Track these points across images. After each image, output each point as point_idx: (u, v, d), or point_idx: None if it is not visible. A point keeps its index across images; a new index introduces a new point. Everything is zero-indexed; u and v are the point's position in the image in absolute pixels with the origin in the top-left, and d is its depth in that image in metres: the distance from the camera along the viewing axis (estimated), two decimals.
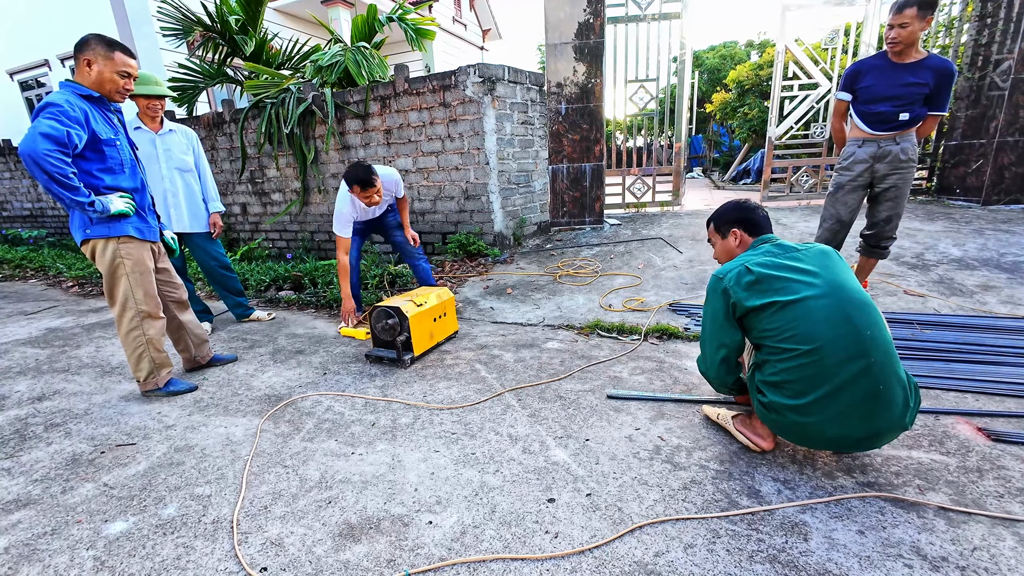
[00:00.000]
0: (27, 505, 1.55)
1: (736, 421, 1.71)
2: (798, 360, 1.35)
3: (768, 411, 1.45)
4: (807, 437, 1.42)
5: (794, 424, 1.40)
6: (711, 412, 1.82)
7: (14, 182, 7.62)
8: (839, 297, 1.37)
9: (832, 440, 1.39)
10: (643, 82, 5.46)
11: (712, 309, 1.55)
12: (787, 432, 1.45)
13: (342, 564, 1.25)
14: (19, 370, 2.71)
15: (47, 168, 1.78)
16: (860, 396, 1.31)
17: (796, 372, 1.36)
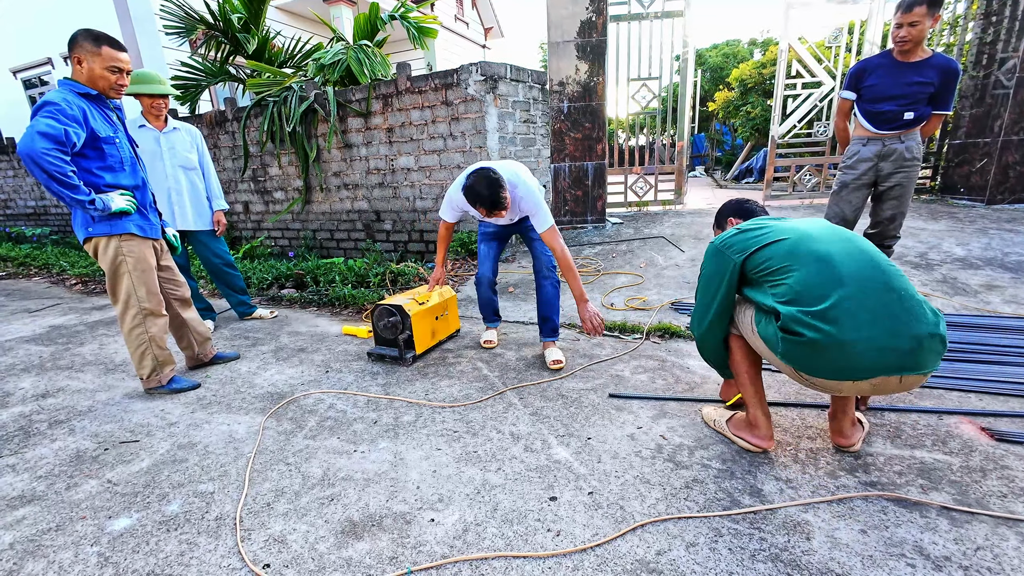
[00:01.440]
0: (32, 501, 1.56)
1: (731, 425, 1.70)
2: (809, 268, 1.33)
3: (794, 343, 1.30)
4: (842, 357, 1.25)
5: (825, 345, 1.25)
6: (708, 418, 1.81)
7: (18, 180, 7.65)
8: (837, 231, 1.44)
9: (870, 352, 1.23)
10: (645, 80, 5.45)
11: (707, 272, 1.58)
12: (820, 361, 1.29)
13: (345, 561, 1.26)
14: (23, 367, 2.72)
15: (46, 167, 1.78)
16: (881, 292, 1.26)
17: (814, 277, 1.31)
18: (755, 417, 1.59)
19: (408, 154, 4.50)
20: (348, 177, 4.88)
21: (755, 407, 1.59)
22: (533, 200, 2.16)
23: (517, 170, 2.24)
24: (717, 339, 1.61)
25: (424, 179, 4.51)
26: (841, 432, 1.58)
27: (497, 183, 2.02)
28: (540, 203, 2.15)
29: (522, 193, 2.17)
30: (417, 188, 4.56)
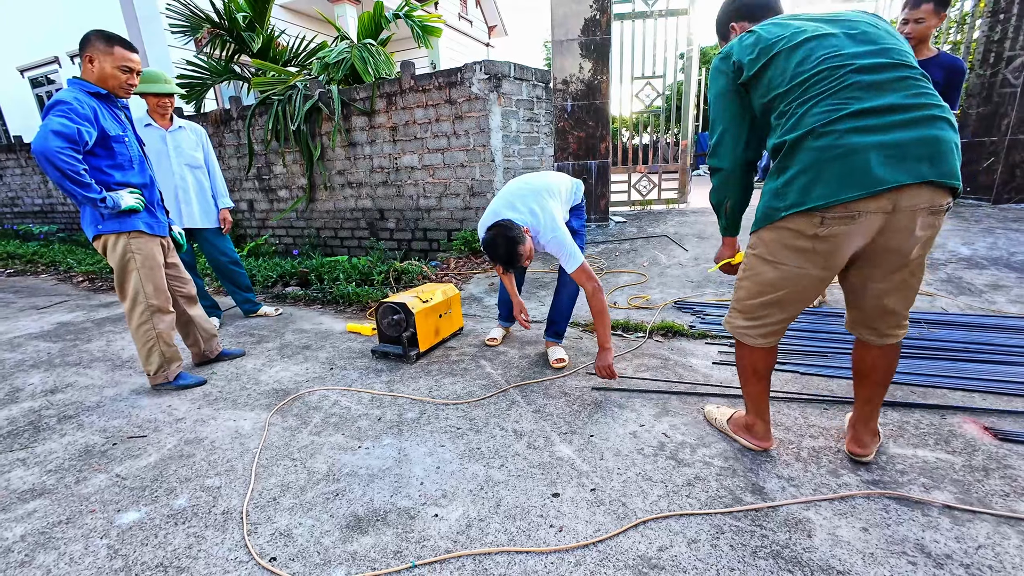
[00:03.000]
0: (42, 495, 1.58)
1: (731, 424, 1.70)
2: (824, 70, 1.17)
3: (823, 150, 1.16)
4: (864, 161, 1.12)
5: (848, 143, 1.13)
6: (710, 416, 1.81)
7: (25, 178, 7.72)
8: (862, 25, 1.23)
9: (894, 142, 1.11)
10: (650, 79, 5.43)
11: (715, 91, 1.40)
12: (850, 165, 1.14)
13: (349, 555, 1.27)
14: (32, 363, 2.76)
15: (60, 165, 1.81)
16: (900, 81, 1.14)
17: (832, 84, 1.16)
18: (754, 421, 1.60)
19: (412, 153, 4.51)
20: (352, 175, 4.90)
21: (755, 413, 1.58)
22: (559, 244, 2.04)
23: (540, 206, 2.06)
24: (736, 163, 1.42)
25: (428, 178, 4.52)
26: (860, 441, 1.51)
27: (514, 241, 1.94)
28: (565, 243, 2.02)
29: (547, 239, 2.06)
30: (421, 187, 4.58)
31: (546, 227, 2.05)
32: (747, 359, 1.52)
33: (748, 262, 1.45)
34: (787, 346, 2.39)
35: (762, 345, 1.46)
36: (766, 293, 1.40)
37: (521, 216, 2.07)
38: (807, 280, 1.33)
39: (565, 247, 2.03)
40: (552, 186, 2.21)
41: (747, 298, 1.46)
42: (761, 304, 1.42)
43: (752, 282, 1.43)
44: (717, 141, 1.42)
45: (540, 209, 2.07)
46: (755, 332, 1.46)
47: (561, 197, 2.22)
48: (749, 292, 1.45)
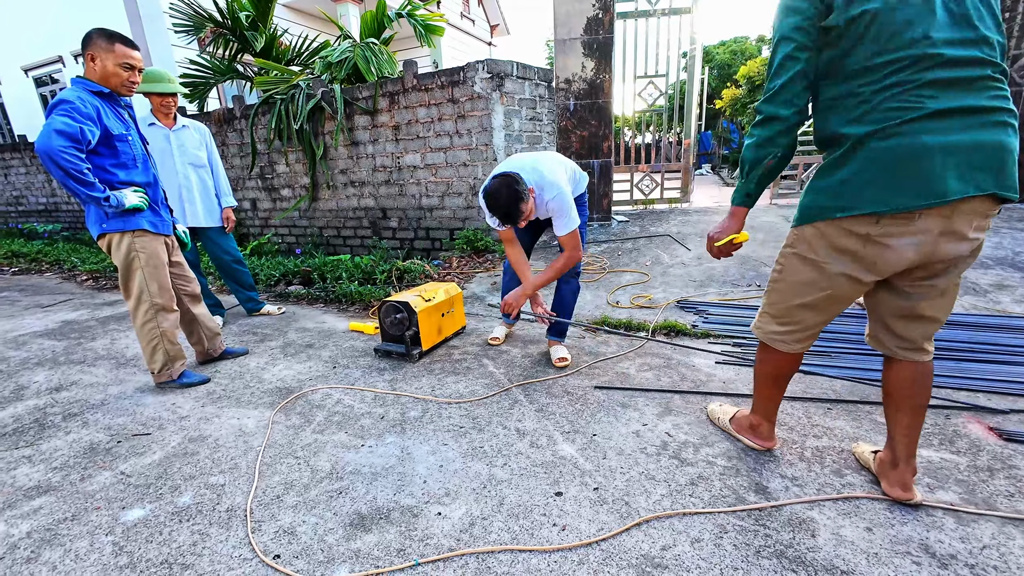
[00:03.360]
0: (48, 492, 1.59)
1: (734, 424, 1.68)
2: (908, 59, 1.05)
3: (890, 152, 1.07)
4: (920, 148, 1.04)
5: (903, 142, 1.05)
6: (712, 415, 1.80)
7: (29, 177, 7.75)
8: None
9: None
10: (652, 78, 5.42)
11: (791, 23, 1.16)
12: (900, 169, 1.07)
13: (353, 553, 1.28)
14: (37, 361, 2.77)
15: (63, 164, 1.81)
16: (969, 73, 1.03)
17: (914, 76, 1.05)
18: (759, 423, 1.58)
19: (414, 152, 4.51)
20: (355, 175, 4.90)
21: (763, 415, 1.56)
22: (561, 203, 2.05)
23: (546, 168, 2.09)
24: (799, 114, 1.19)
25: (430, 177, 4.52)
26: (904, 483, 1.33)
27: (517, 194, 1.93)
28: (566, 206, 2.05)
29: (550, 196, 2.06)
30: (423, 186, 4.58)
31: (551, 185, 2.05)
32: (771, 364, 1.45)
33: (786, 262, 1.34)
34: None
35: (796, 351, 1.39)
36: (805, 295, 1.30)
37: (526, 175, 2.06)
38: (849, 283, 1.23)
39: (566, 208, 2.06)
40: (559, 157, 2.26)
41: (782, 301, 1.36)
42: (799, 307, 1.32)
43: (789, 284, 1.33)
44: (782, 84, 1.17)
45: (545, 169, 2.08)
46: (790, 338, 1.38)
47: (566, 170, 2.21)
48: (785, 295, 1.35)
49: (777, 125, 1.22)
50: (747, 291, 3.19)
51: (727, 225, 1.41)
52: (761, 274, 3.44)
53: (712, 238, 1.42)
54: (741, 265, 3.64)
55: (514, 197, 1.93)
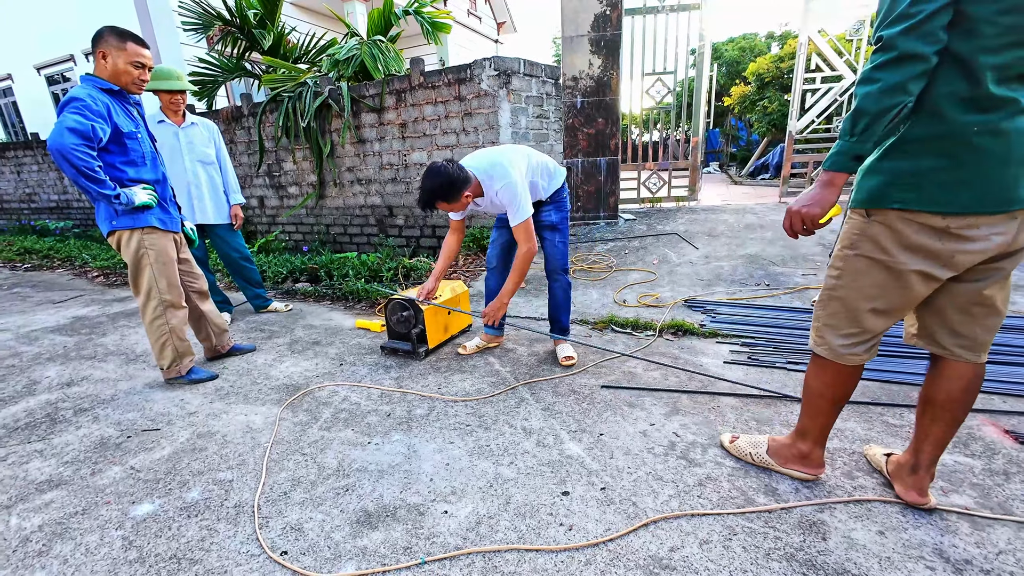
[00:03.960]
0: (59, 486, 1.61)
1: (775, 456, 1.46)
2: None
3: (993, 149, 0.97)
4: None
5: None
6: (739, 451, 1.55)
7: (42, 175, 7.84)
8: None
9: None
10: (660, 75, 5.38)
11: None
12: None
13: (360, 550, 1.28)
14: (49, 356, 2.80)
15: (75, 162, 1.83)
16: None
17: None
18: (811, 450, 1.40)
19: (421, 149, 4.51)
20: (361, 172, 4.91)
21: (815, 441, 1.38)
22: (510, 194, 2.02)
23: (501, 159, 2.05)
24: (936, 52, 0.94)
25: None
26: (920, 488, 1.29)
27: (439, 185, 1.93)
28: (516, 197, 2.02)
29: (499, 186, 2.03)
30: None
31: (501, 175, 2.02)
32: (833, 383, 1.29)
33: (845, 265, 1.19)
34: (799, 346, 2.36)
35: (863, 362, 1.25)
36: (875, 299, 1.16)
37: (478, 164, 2.07)
38: (923, 282, 1.10)
39: (516, 199, 2.02)
40: (526, 151, 2.19)
41: (846, 310, 1.22)
42: (869, 313, 1.18)
43: (854, 289, 1.19)
44: (930, 11, 0.91)
45: (499, 160, 2.05)
46: (860, 348, 1.23)
47: (530, 162, 2.16)
48: (849, 302, 1.21)
49: (915, 66, 0.94)
50: (755, 290, 3.16)
51: (822, 195, 1.10)
52: (770, 273, 3.41)
53: (802, 213, 1.13)
54: (749, 264, 3.61)
55: (436, 185, 1.94)
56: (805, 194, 1.13)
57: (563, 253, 2.30)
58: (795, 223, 1.15)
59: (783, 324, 2.62)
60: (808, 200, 1.12)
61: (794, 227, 1.16)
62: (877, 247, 1.13)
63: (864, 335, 1.22)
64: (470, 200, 2.07)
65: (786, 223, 1.17)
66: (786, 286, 3.17)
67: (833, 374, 1.28)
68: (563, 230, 2.31)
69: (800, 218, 1.13)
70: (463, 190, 1.99)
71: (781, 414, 1.82)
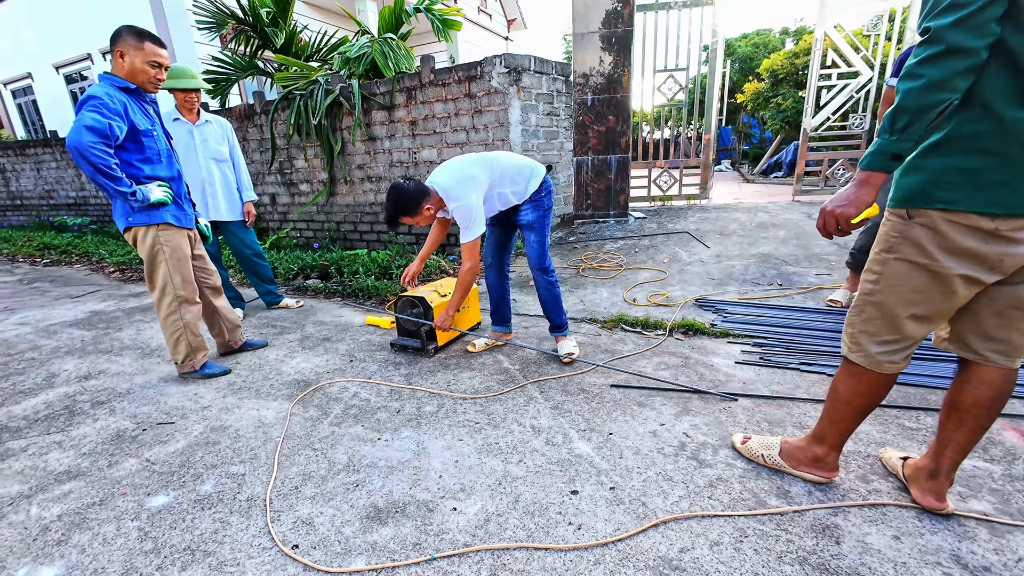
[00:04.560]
0: (77, 477, 1.64)
1: (787, 458, 1.43)
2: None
3: None
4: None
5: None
6: (751, 452, 1.53)
7: (60, 171, 7.99)
8: None
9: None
10: (672, 72, 5.33)
11: None
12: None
13: (369, 545, 1.29)
14: (67, 350, 2.86)
15: (92, 160, 1.86)
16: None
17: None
18: (827, 453, 1.36)
19: (431, 147, 4.51)
20: (372, 170, 4.93)
21: (833, 446, 1.35)
22: (463, 214, 2.10)
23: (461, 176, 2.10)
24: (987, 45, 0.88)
25: None
26: (938, 493, 1.27)
27: (397, 197, 2.06)
28: (468, 218, 2.09)
29: (453, 206, 2.11)
30: None
31: (456, 196, 2.09)
32: (864, 389, 1.23)
33: (884, 269, 1.13)
34: (812, 347, 2.32)
35: (900, 369, 1.20)
36: (916, 305, 1.11)
37: (441, 180, 2.13)
38: (966, 286, 1.05)
39: (467, 219, 2.10)
40: (494, 161, 2.19)
41: (883, 315, 1.16)
42: (909, 319, 1.13)
43: (893, 294, 1.13)
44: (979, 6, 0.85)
45: (459, 178, 2.11)
46: (898, 356, 1.17)
47: (494, 176, 2.18)
48: (887, 307, 1.14)
49: (963, 60, 0.88)
50: (768, 290, 3.12)
51: (858, 195, 1.07)
52: (783, 272, 3.36)
53: (836, 213, 1.09)
54: (762, 263, 3.57)
55: (396, 202, 2.07)
56: (840, 194, 1.09)
57: (539, 253, 2.31)
58: (828, 223, 1.11)
59: (796, 325, 2.59)
60: (843, 200, 1.08)
61: (827, 227, 1.12)
62: (919, 250, 1.07)
63: (904, 342, 1.16)
64: (432, 212, 2.15)
65: (819, 223, 1.13)
66: (799, 286, 3.13)
67: (867, 382, 1.23)
68: (539, 228, 2.29)
69: (834, 218, 1.10)
70: (422, 204, 2.09)
71: (794, 415, 1.79)
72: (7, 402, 2.22)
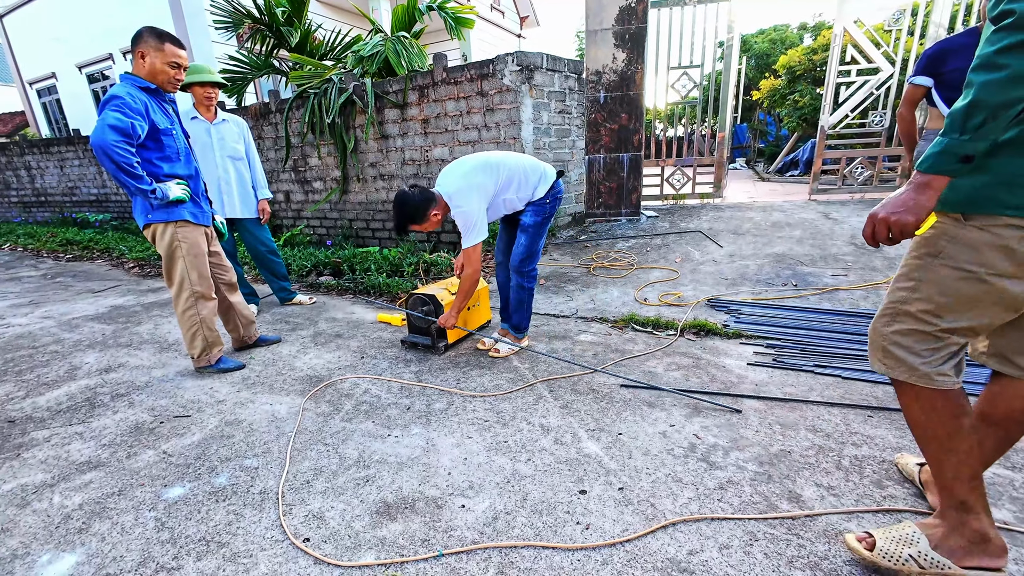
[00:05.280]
0: (97, 467, 1.69)
1: (947, 553, 1.06)
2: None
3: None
4: None
5: None
6: (888, 552, 1.09)
7: (82, 169, 8.20)
8: None
9: None
10: (687, 69, 5.26)
11: None
12: None
13: (379, 540, 1.30)
14: (88, 343, 2.94)
15: (115, 158, 1.92)
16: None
17: None
18: (981, 524, 1.05)
19: (443, 145, 4.53)
20: (384, 168, 4.97)
21: (981, 507, 1.05)
22: (464, 220, 2.15)
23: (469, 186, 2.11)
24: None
25: None
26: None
27: (403, 207, 2.08)
28: (469, 224, 2.14)
29: (456, 210, 2.15)
30: None
31: (459, 203, 2.13)
32: (929, 408, 1.04)
33: (929, 275, 1.00)
34: (828, 350, 2.28)
35: (956, 380, 1.03)
36: (959, 316, 0.98)
37: (446, 184, 2.17)
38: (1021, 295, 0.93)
39: (468, 225, 2.14)
40: (500, 166, 2.19)
41: (919, 327, 1.02)
42: (949, 330, 1.00)
43: (934, 303, 0.99)
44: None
45: (467, 185, 2.13)
46: (947, 367, 1.03)
47: (500, 183, 2.18)
48: (923, 320, 1.01)
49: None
50: (782, 291, 3.07)
51: (917, 201, 0.92)
52: (798, 273, 3.31)
53: (891, 221, 0.94)
54: (776, 263, 3.51)
55: (403, 211, 2.09)
56: (894, 199, 0.94)
57: (522, 256, 2.32)
58: (880, 232, 0.96)
59: (811, 326, 2.54)
60: (899, 206, 0.92)
61: (878, 236, 0.96)
62: (974, 258, 0.93)
63: (944, 350, 1.01)
64: (439, 218, 2.17)
65: (867, 230, 0.97)
66: (815, 287, 3.07)
67: (928, 401, 1.04)
68: (533, 233, 2.30)
69: (887, 226, 0.94)
70: (429, 211, 2.12)
71: (807, 419, 1.77)
72: (31, 393, 2.29)
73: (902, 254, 3.70)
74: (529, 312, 2.45)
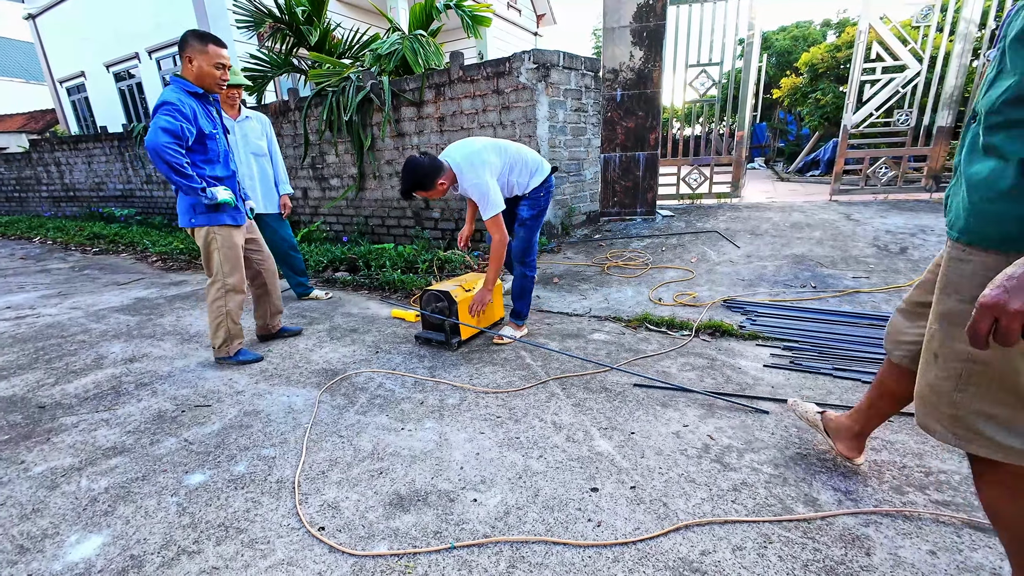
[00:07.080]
0: (122, 453, 1.75)
1: None
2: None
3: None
4: None
5: None
6: None
7: (109, 165, 8.44)
8: None
9: None
10: (705, 66, 5.19)
11: None
12: None
13: (392, 531, 1.32)
14: (114, 334, 3.03)
15: (168, 159, 2.02)
16: None
17: None
18: None
19: None
20: (400, 165, 5.01)
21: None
22: (478, 191, 2.22)
23: (475, 155, 2.23)
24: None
25: None
26: (861, 448, 1.41)
27: (414, 172, 2.15)
28: (484, 193, 2.22)
29: (468, 184, 2.24)
30: None
31: (470, 173, 2.22)
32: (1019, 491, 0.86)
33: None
34: (847, 354, 2.24)
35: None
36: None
37: (452, 157, 2.27)
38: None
39: (483, 195, 2.22)
40: (504, 148, 2.36)
41: (999, 382, 0.82)
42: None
43: (1008, 350, 0.79)
44: None
45: (473, 157, 2.24)
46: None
47: (504, 161, 2.33)
48: (1001, 369, 0.82)
49: None
50: (801, 292, 3.02)
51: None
52: (817, 275, 3.24)
53: (1007, 308, 0.65)
54: (795, 264, 3.45)
55: (412, 175, 2.16)
56: (1017, 279, 0.65)
57: (520, 249, 2.49)
58: (1011, 327, 0.65)
59: (830, 329, 2.50)
60: (1009, 280, 0.65)
61: (1007, 334, 0.66)
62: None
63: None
64: (445, 187, 2.26)
65: (983, 325, 0.67)
66: (835, 289, 3.01)
67: (1018, 481, 0.84)
68: (530, 226, 2.47)
69: (1012, 318, 0.65)
70: (437, 179, 2.20)
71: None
72: (60, 381, 2.38)
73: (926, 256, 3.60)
74: (529, 301, 2.63)
